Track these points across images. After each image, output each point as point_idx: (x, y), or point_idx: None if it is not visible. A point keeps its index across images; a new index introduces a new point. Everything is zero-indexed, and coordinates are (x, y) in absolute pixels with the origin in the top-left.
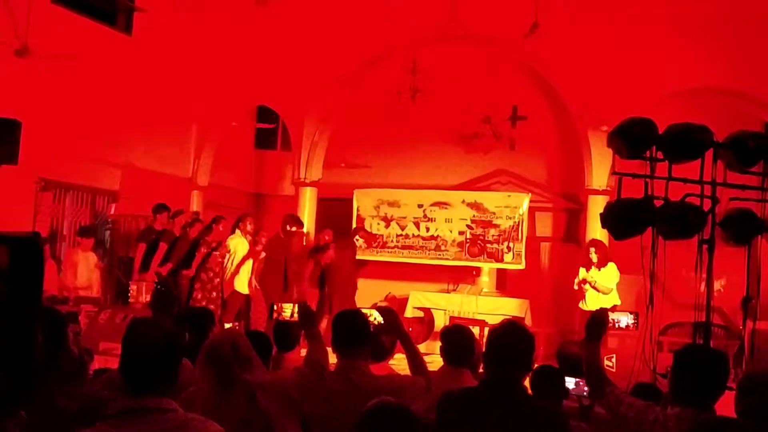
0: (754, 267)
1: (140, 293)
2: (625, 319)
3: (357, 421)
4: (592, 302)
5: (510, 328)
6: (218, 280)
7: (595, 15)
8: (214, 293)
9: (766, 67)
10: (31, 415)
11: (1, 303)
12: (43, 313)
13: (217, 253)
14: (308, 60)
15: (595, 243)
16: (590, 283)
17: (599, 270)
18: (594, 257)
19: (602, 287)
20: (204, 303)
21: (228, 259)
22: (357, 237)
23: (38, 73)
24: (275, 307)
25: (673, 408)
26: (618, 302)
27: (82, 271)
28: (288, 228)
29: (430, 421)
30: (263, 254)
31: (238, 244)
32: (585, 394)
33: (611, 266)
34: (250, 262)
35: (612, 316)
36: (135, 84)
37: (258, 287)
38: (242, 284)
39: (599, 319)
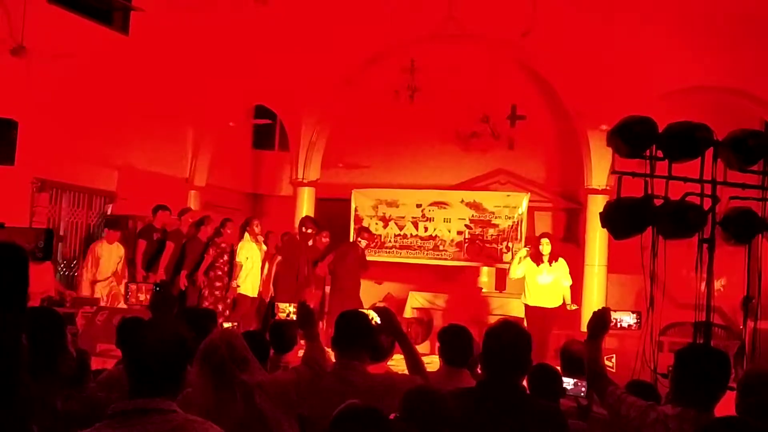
0: (755, 266)
1: (139, 293)
2: (627, 319)
3: (327, 425)
4: (533, 298)
5: (506, 328)
6: (227, 279)
7: (594, 14)
8: (218, 293)
9: (766, 65)
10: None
11: None
12: (37, 315)
13: (225, 258)
14: (306, 59)
15: (547, 236)
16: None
17: (551, 265)
18: (546, 249)
19: (566, 278)
20: (212, 301)
21: (240, 265)
22: (360, 239)
23: (34, 72)
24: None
25: (674, 408)
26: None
27: (105, 263)
28: (304, 230)
29: (402, 421)
30: (279, 258)
31: (251, 250)
32: (583, 394)
33: (563, 261)
34: (258, 265)
35: (614, 315)
36: (132, 84)
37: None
38: (247, 287)
39: (601, 318)
